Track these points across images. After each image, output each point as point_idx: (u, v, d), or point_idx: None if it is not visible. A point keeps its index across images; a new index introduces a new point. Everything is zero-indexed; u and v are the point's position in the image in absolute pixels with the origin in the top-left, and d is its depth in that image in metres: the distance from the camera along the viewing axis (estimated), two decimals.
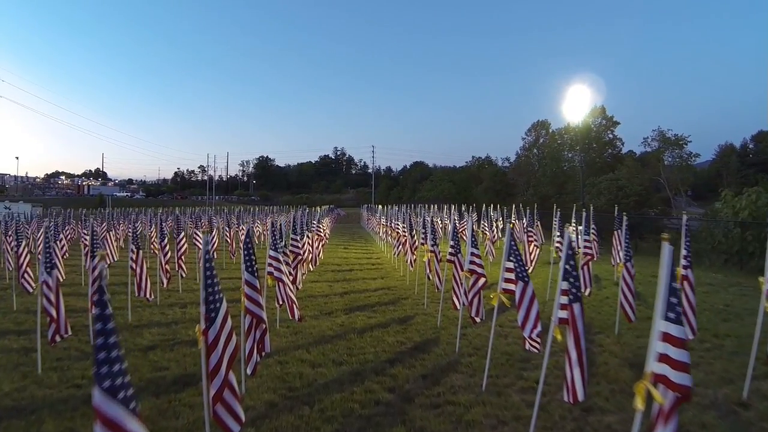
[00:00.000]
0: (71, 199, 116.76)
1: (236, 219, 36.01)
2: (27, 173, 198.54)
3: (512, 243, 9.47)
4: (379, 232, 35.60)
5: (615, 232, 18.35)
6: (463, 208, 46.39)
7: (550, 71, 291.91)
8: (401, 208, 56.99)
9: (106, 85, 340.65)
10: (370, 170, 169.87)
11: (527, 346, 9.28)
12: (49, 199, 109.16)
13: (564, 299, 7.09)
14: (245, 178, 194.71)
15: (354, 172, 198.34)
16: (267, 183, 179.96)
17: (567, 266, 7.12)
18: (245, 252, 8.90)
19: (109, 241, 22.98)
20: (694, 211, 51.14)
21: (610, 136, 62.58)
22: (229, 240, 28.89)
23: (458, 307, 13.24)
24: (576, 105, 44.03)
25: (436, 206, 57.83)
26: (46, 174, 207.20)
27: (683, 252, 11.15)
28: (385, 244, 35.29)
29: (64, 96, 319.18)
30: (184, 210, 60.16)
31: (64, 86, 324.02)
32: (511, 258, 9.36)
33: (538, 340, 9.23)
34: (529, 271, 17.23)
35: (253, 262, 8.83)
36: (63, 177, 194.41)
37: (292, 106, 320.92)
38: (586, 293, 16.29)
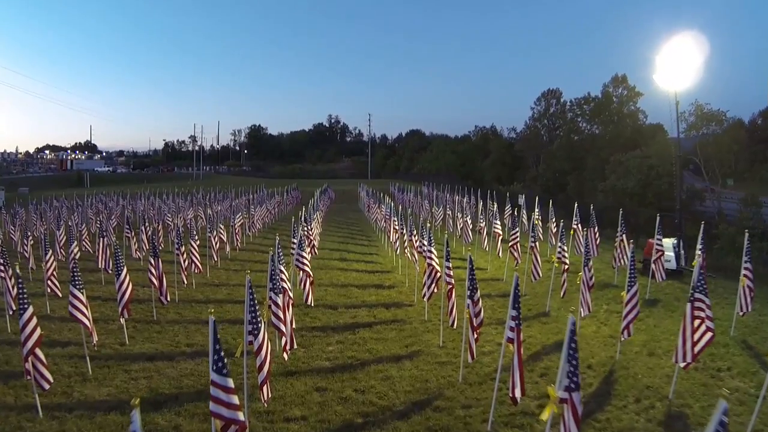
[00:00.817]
0: (48, 177, 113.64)
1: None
2: (17, 148, 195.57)
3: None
4: (385, 230, 33.95)
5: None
6: (476, 197, 45.52)
7: (555, 38, 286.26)
8: (408, 192, 55.84)
9: (93, 57, 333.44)
10: (365, 138, 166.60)
11: None
12: (21, 178, 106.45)
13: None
14: (237, 148, 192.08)
15: (349, 140, 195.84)
16: (259, 152, 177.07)
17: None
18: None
19: None
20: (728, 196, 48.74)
21: (632, 108, 59.09)
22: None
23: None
24: (594, 73, 41.35)
25: (446, 187, 56.54)
26: (37, 148, 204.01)
27: None
28: (392, 247, 29.31)
29: (50, 71, 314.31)
30: (140, 195, 57.56)
31: (50, 63, 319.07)
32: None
33: None
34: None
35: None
36: (47, 152, 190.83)
37: (285, 73, 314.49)
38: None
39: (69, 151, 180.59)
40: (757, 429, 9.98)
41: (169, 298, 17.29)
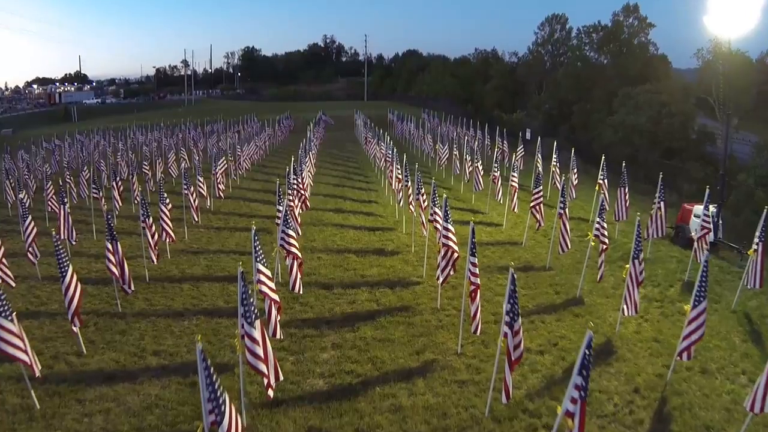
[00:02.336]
0: (35, 114, 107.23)
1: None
2: (6, 83, 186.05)
3: None
4: (386, 171, 30.64)
5: None
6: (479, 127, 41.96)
7: None
8: (408, 121, 52.07)
9: None
10: (361, 58, 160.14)
11: None
12: (5, 117, 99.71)
13: None
14: (231, 71, 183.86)
15: (344, 60, 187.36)
16: (253, 75, 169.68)
17: None
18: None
19: None
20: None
21: (643, 39, 54.59)
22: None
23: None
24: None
25: (448, 118, 53.01)
26: (26, 82, 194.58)
27: None
28: (393, 193, 26.62)
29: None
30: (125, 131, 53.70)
31: None
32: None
33: None
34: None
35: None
36: (36, 86, 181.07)
37: None
38: None
39: (58, 84, 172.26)
40: None
41: (133, 287, 14.52)
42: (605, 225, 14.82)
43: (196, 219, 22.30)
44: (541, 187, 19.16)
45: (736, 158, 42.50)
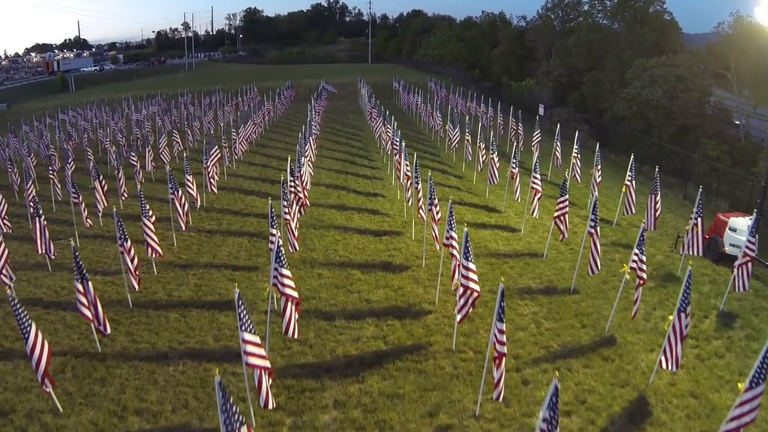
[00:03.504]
0: (31, 85, 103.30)
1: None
2: (5, 51, 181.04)
3: None
4: (392, 155, 28.69)
5: None
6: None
7: None
8: (415, 93, 49.42)
9: None
10: (365, 18, 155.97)
11: None
12: (1, 90, 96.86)
13: None
14: (233, 32, 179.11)
15: (348, 20, 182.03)
16: (255, 36, 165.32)
17: None
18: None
19: None
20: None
21: (659, 8, 51.52)
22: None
23: None
24: None
25: (457, 89, 50.51)
26: (26, 49, 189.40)
27: None
28: (400, 189, 25.23)
29: None
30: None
31: None
32: None
33: None
34: None
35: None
36: (34, 54, 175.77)
37: None
38: None
39: (56, 51, 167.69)
40: None
41: (108, 329, 12.97)
42: (644, 257, 13.04)
43: (184, 228, 20.52)
44: (566, 197, 17.32)
45: (751, 137, 40.62)
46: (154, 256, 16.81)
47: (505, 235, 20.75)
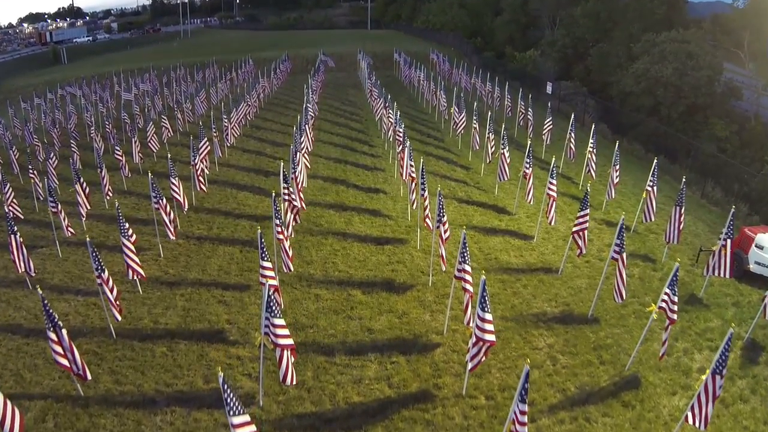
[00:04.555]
0: (23, 59, 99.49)
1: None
2: None
3: None
4: (394, 143, 27.19)
5: None
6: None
7: None
8: (417, 69, 47.44)
9: None
10: None
11: None
12: None
13: None
14: None
15: None
16: (253, 1, 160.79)
17: None
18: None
19: None
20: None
21: None
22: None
23: None
24: None
25: (461, 64, 48.47)
26: (19, 19, 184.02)
27: None
28: (403, 185, 24.44)
29: None
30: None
31: None
32: None
33: None
34: None
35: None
36: (26, 24, 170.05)
37: None
38: None
39: (49, 21, 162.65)
40: None
41: (88, 375, 11.84)
42: (676, 298, 11.81)
43: (173, 237, 19.22)
44: (587, 210, 15.98)
45: (761, 117, 39.06)
46: (137, 278, 15.63)
47: (517, 244, 19.45)
